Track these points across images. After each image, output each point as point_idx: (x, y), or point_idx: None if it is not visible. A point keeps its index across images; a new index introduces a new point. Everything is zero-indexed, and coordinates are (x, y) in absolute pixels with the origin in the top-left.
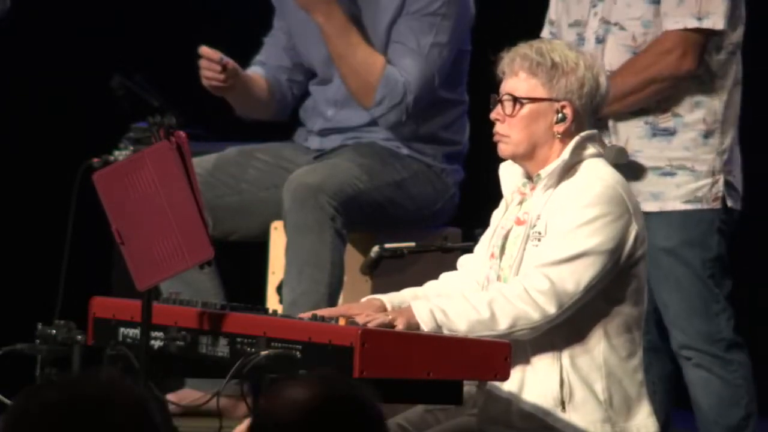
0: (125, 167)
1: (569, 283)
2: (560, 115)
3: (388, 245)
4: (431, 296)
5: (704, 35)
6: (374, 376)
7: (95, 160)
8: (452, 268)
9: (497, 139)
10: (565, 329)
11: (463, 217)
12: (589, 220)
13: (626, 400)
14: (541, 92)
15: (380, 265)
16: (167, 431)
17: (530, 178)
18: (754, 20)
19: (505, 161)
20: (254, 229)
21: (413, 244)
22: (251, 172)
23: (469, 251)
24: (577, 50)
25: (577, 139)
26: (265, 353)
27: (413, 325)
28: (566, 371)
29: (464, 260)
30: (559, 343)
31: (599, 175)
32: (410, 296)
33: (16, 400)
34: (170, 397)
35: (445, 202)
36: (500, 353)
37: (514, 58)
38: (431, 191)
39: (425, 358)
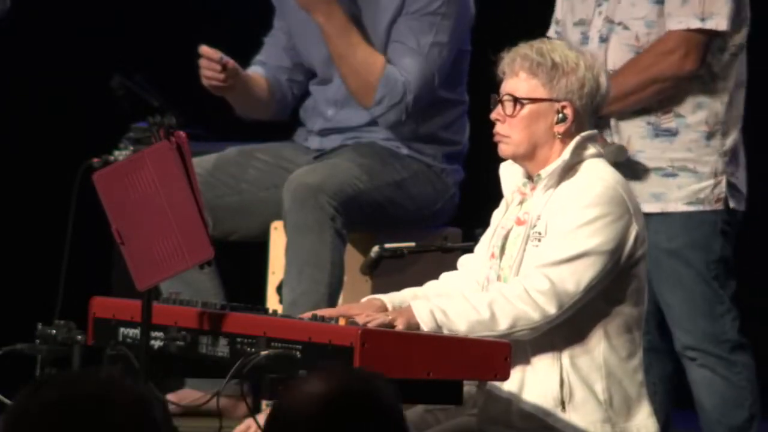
0: (125, 167)
1: (569, 283)
2: (561, 115)
3: (388, 245)
4: (431, 296)
5: (707, 36)
6: None
7: (95, 160)
8: (452, 268)
9: (498, 139)
10: (565, 329)
11: (463, 217)
12: (589, 220)
13: (626, 400)
14: (541, 92)
15: (380, 265)
16: (167, 431)
17: (530, 178)
18: (759, 21)
19: (505, 161)
20: (254, 229)
21: (413, 244)
22: (251, 172)
23: (469, 251)
24: (577, 50)
25: (577, 139)
26: (265, 353)
27: (413, 325)
28: (566, 371)
29: (464, 260)
30: (559, 343)
31: (600, 175)
32: (410, 296)
33: (16, 398)
34: (170, 397)
35: (445, 202)
36: (500, 353)
37: (514, 58)
38: (431, 191)
39: (425, 358)
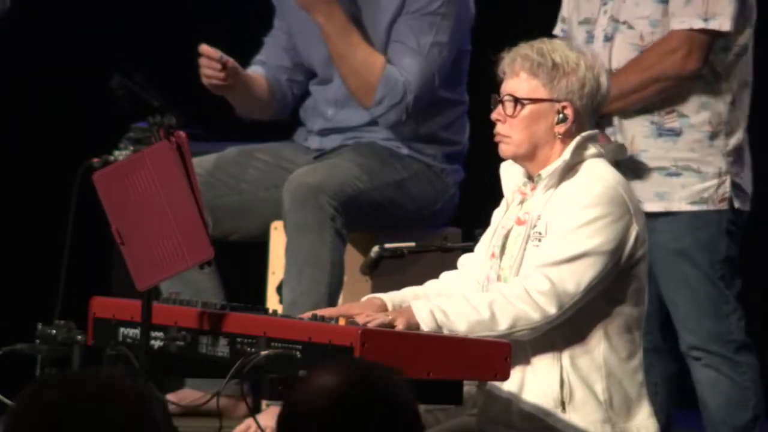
0: (125, 167)
1: (570, 283)
2: (561, 115)
3: (388, 245)
4: (431, 296)
5: (710, 36)
6: None
7: (95, 160)
8: (452, 268)
9: (498, 139)
10: (565, 330)
11: (463, 217)
12: (589, 220)
13: (626, 400)
14: (542, 93)
15: (380, 265)
16: (167, 431)
17: (531, 178)
18: (765, 21)
19: (505, 161)
20: (254, 229)
21: (413, 244)
22: (251, 172)
23: (469, 251)
24: (577, 50)
25: (578, 139)
26: (265, 353)
27: (413, 325)
28: (566, 371)
29: (465, 259)
30: (559, 343)
31: (600, 175)
32: (411, 295)
33: (17, 399)
34: (170, 397)
35: (445, 202)
36: (500, 353)
37: (515, 58)
38: (431, 191)
39: (425, 358)
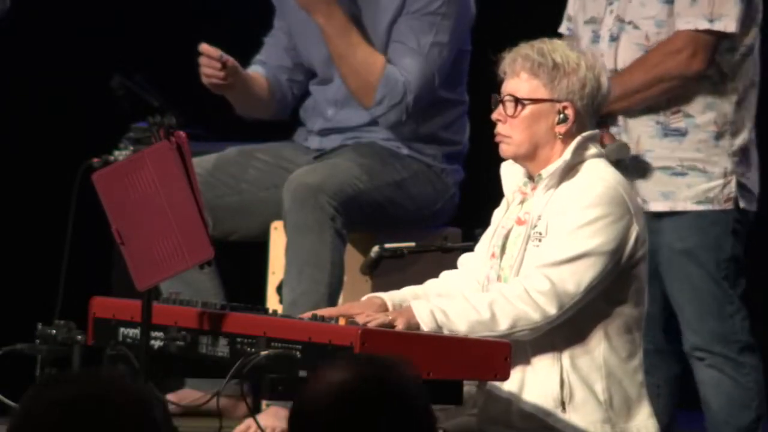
0: (125, 167)
1: (570, 283)
2: (562, 115)
3: (388, 245)
4: (432, 295)
5: (715, 37)
6: None
7: (95, 160)
8: (452, 267)
9: (499, 139)
10: (565, 330)
11: (463, 217)
12: (590, 220)
13: (626, 400)
14: (542, 93)
15: (380, 265)
16: (167, 431)
17: (531, 177)
18: None
19: (506, 161)
20: (254, 229)
21: (413, 244)
22: (251, 172)
23: (469, 251)
24: (578, 50)
25: (578, 139)
26: (265, 353)
27: (413, 325)
28: (566, 372)
29: (465, 259)
30: (559, 343)
31: (600, 175)
32: (411, 295)
33: (21, 399)
34: (170, 397)
35: (445, 202)
36: (500, 353)
37: (515, 58)
38: (431, 191)
39: (425, 358)
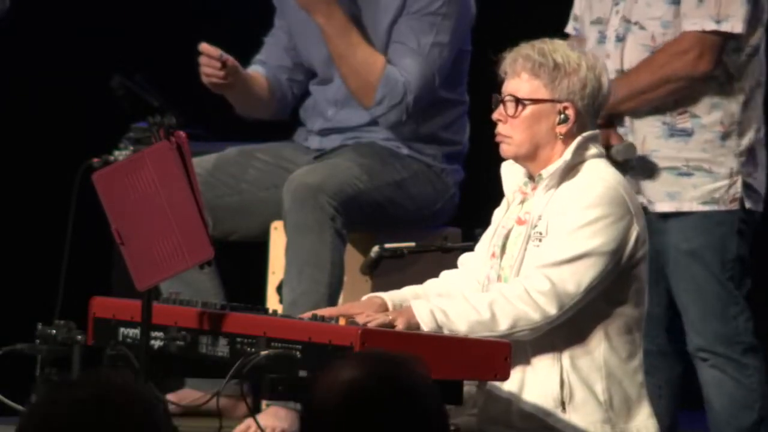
0: (125, 167)
1: (570, 284)
2: (562, 116)
3: (388, 245)
4: (432, 295)
5: (722, 38)
6: None
7: (95, 160)
8: (452, 268)
9: (499, 139)
10: (565, 330)
11: (463, 217)
12: (590, 221)
13: (626, 401)
14: (543, 93)
15: (380, 265)
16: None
17: (532, 177)
18: None
19: (506, 161)
20: (254, 229)
21: (413, 244)
22: (251, 172)
23: (469, 251)
24: (579, 50)
25: (579, 139)
26: (265, 353)
27: (413, 325)
28: (566, 372)
29: (465, 259)
30: (559, 343)
31: (601, 175)
32: (411, 295)
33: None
34: (170, 397)
35: (445, 202)
36: (500, 353)
37: (516, 58)
38: (431, 191)
39: (425, 358)
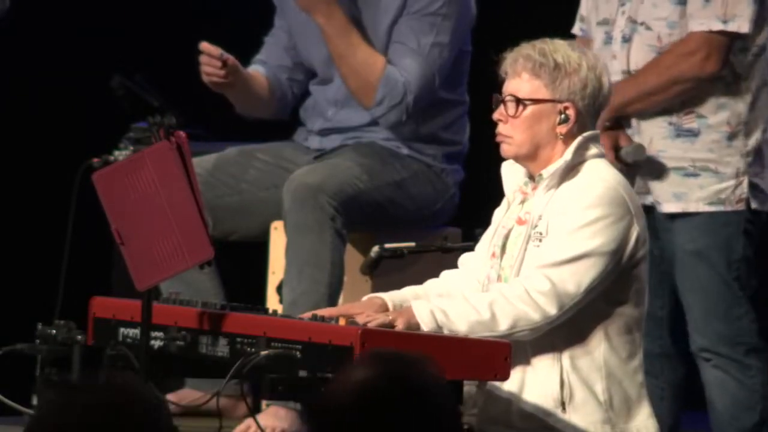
0: (125, 167)
1: (570, 284)
2: (563, 116)
3: (388, 245)
4: (432, 295)
5: (729, 38)
6: None
7: (95, 160)
8: (452, 268)
9: (500, 139)
10: (565, 330)
11: (463, 217)
12: (590, 221)
13: (626, 401)
14: (544, 93)
15: (380, 265)
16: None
17: (532, 177)
18: None
19: (506, 161)
20: (254, 229)
21: (413, 244)
22: (251, 172)
23: (469, 251)
24: (579, 50)
25: (579, 139)
26: (265, 353)
27: (413, 325)
28: (566, 372)
29: (465, 258)
30: (559, 343)
31: (601, 176)
32: (411, 295)
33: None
34: (170, 397)
35: (445, 202)
36: (500, 353)
37: (516, 58)
38: (431, 191)
39: None
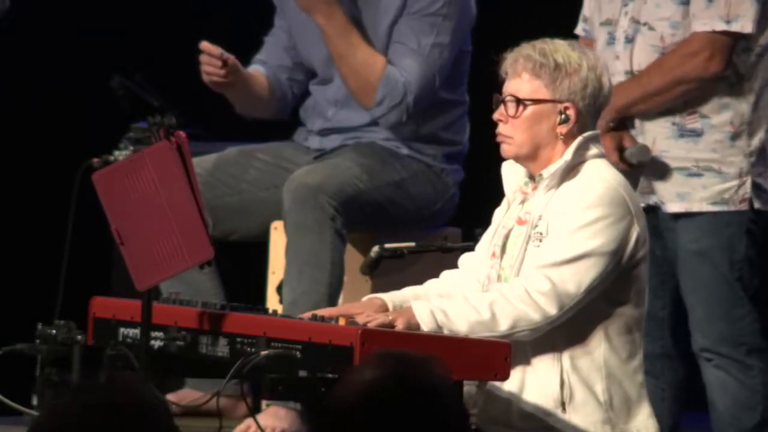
0: (125, 167)
1: (570, 284)
2: (563, 116)
3: (388, 245)
4: (432, 296)
5: (732, 38)
6: None
7: (95, 160)
8: (452, 268)
9: (500, 140)
10: (565, 330)
11: (463, 217)
12: (590, 221)
13: (626, 401)
14: (544, 93)
15: (380, 265)
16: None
17: (532, 177)
18: None
19: (506, 161)
20: (254, 229)
21: (413, 244)
22: (251, 172)
23: (469, 251)
24: (579, 50)
25: (579, 139)
26: (265, 353)
27: (413, 325)
28: (566, 372)
29: (465, 258)
30: (559, 344)
31: (601, 176)
32: (411, 295)
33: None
34: (170, 397)
35: (445, 202)
36: (500, 353)
37: (517, 58)
38: (431, 191)
39: None
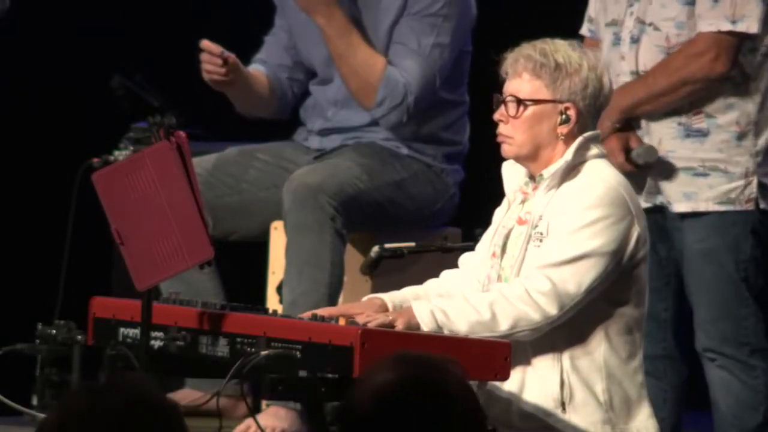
0: (125, 167)
1: (571, 284)
2: (564, 116)
3: (388, 245)
4: (432, 295)
5: (738, 38)
6: None
7: (95, 160)
8: (452, 268)
9: (501, 140)
10: (565, 330)
11: (463, 217)
12: (591, 221)
13: (626, 401)
14: (545, 94)
15: (380, 265)
16: None
17: (533, 177)
18: None
19: (507, 160)
20: (254, 229)
21: (413, 244)
22: (251, 172)
23: (469, 251)
24: (580, 50)
25: (580, 140)
26: (265, 353)
27: (413, 325)
28: (567, 372)
29: (465, 258)
30: (559, 344)
31: (601, 176)
32: (411, 295)
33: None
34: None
35: (445, 202)
36: (500, 353)
37: (517, 58)
38: (431, 191)
39: None
